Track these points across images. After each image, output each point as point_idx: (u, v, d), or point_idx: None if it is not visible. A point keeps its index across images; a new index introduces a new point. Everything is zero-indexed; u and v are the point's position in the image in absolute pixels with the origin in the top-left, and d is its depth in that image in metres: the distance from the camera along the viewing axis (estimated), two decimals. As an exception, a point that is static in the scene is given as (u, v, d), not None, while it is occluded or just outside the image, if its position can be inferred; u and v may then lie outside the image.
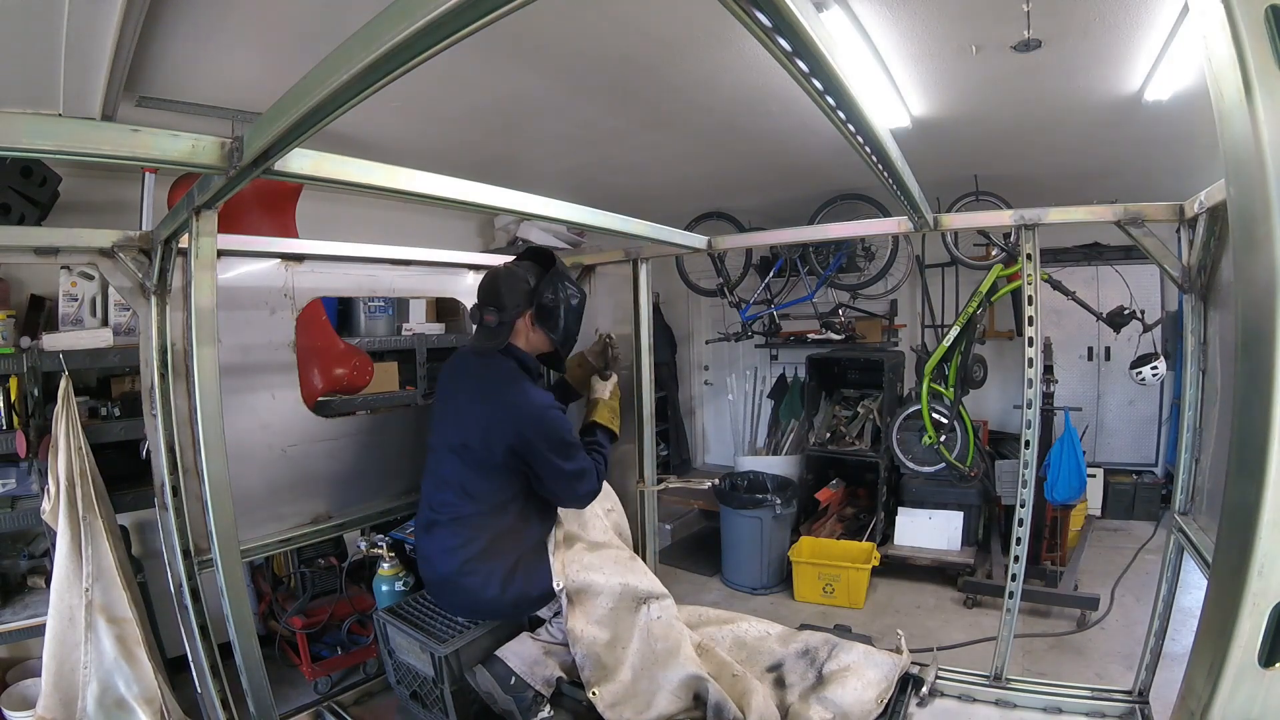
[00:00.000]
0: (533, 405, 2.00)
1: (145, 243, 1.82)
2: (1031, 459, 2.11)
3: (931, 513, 4.36)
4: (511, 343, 2.10)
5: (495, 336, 2.07)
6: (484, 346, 2.09)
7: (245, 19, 2.21)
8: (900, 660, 2.22)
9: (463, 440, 2.04)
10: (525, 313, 2.08)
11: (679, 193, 4.95)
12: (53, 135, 1.06)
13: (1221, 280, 1.75)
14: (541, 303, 2.07)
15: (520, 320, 2.08)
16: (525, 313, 2.08)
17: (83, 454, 2.25)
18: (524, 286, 2.08)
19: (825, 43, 0.82)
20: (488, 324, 2.07)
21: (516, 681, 1.96)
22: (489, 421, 2.00)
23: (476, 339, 2.13)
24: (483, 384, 2.08)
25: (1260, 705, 0.67)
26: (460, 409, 2.09)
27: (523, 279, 2.09)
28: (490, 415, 2.00)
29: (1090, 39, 2.51)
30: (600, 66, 2.75)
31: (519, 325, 2.09)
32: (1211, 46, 0.68)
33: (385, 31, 0.77)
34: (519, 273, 2.10)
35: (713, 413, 7.04)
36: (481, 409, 2.03)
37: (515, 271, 2.11)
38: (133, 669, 2.16)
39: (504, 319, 2.06)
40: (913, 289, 5.49)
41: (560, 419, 2.05)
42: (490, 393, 2.04)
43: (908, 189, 1.64)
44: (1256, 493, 0.65)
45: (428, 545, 2.12)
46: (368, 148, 3.27)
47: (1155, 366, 3.40)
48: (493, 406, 2.01)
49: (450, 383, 2.21)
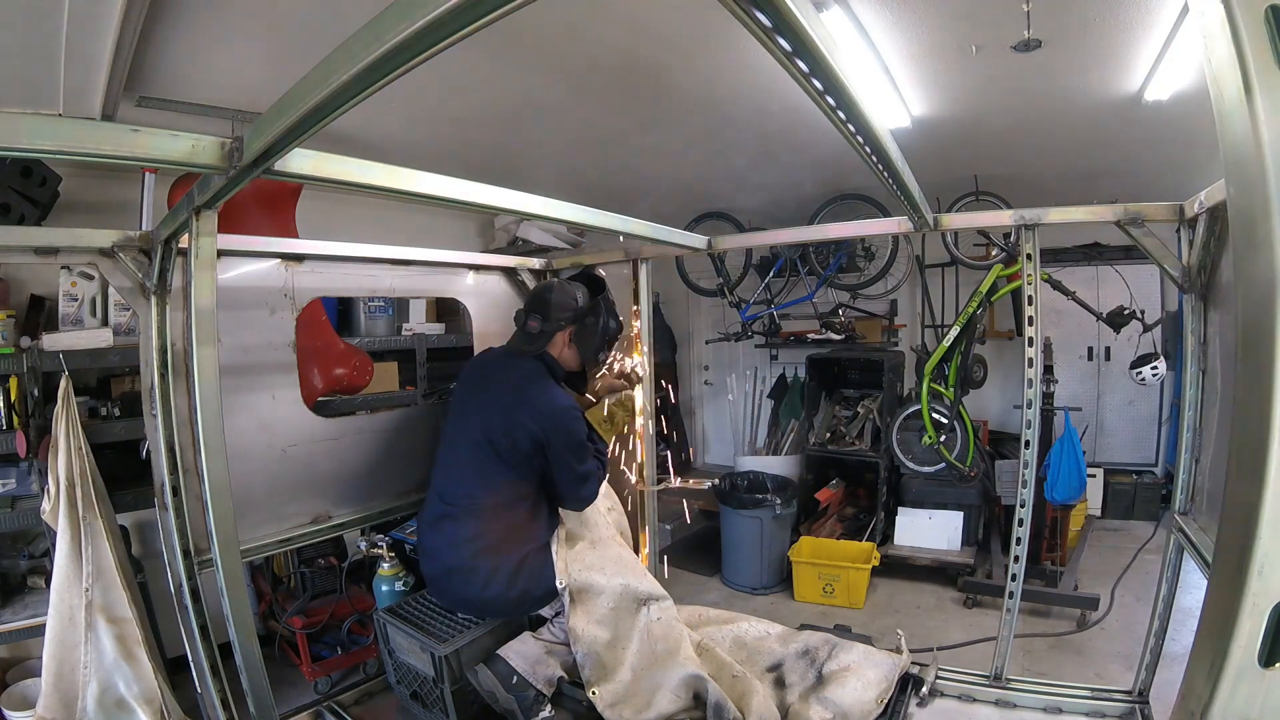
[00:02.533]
0: (557, 405, 2.11)
1: (145, 243, 1.82)
2: (1031, 459, 2.11)
3: (931, 513, 4.36)
4: (546, 350, 2.22)
5: (534, 342, 2.21)
6: (521, 349, 2.23)
7: (245, 19, 2.21)
8: (900, 660, 2.22)
9: (487, 433, 2.11)
10: (567, 328, 2.21)
11: (679, 193, 4.95)
12: (53, 135, 1.07)
13: (1221, 280, 1.75)
14: (584, 324, 2.22)
15: (560, 334, 2.21)
16: (567, 328, 2.21)
17: (83, 454, 2.25)
18: (571, 304, 2.21)
19: (825, 43, 0.82)
20: (530, 329, 2.21)
21: (518, 681, 1.96)
22: (516, 416, 2.08)
23: (515, 340, 2.28)
24: (512, 380, 2.17)
25: (1260, 705, 0.67)
26: (487, 403, 2.17)
27: (572, 296, 2.23)
28: (517, 410, 2.09)
29: (1090, 39, 2.51)
30: (600, 66, 2.76)
31: (557, 338, 2.21)
32: (1211, 46, 0.68)
33: (385, 31, 0.77)
34: (570, 290, 2.24)
35: (713, 413, 7.04)
36: (509, 403, 2.12)
37: (567, 289, 2.25)
38: (133, 669, 2.16)
39: (545, 328, 2.19)
40: (913, 289, 5.49)
41: (580, 421, 2.15)
42: (519, 389, 2.14)
43: (908, 189, 1.64)
44: (1256, 493, 0.65)
45: (435, 538, 2.13)
46: (368, 148, 3.26)
47: (1155, 366, 3.39)
48: (520, 402, 2.10)
49: (478, 377, 2.30)
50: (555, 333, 2.21)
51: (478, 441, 2.12)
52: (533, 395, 2.11)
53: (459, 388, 2.34)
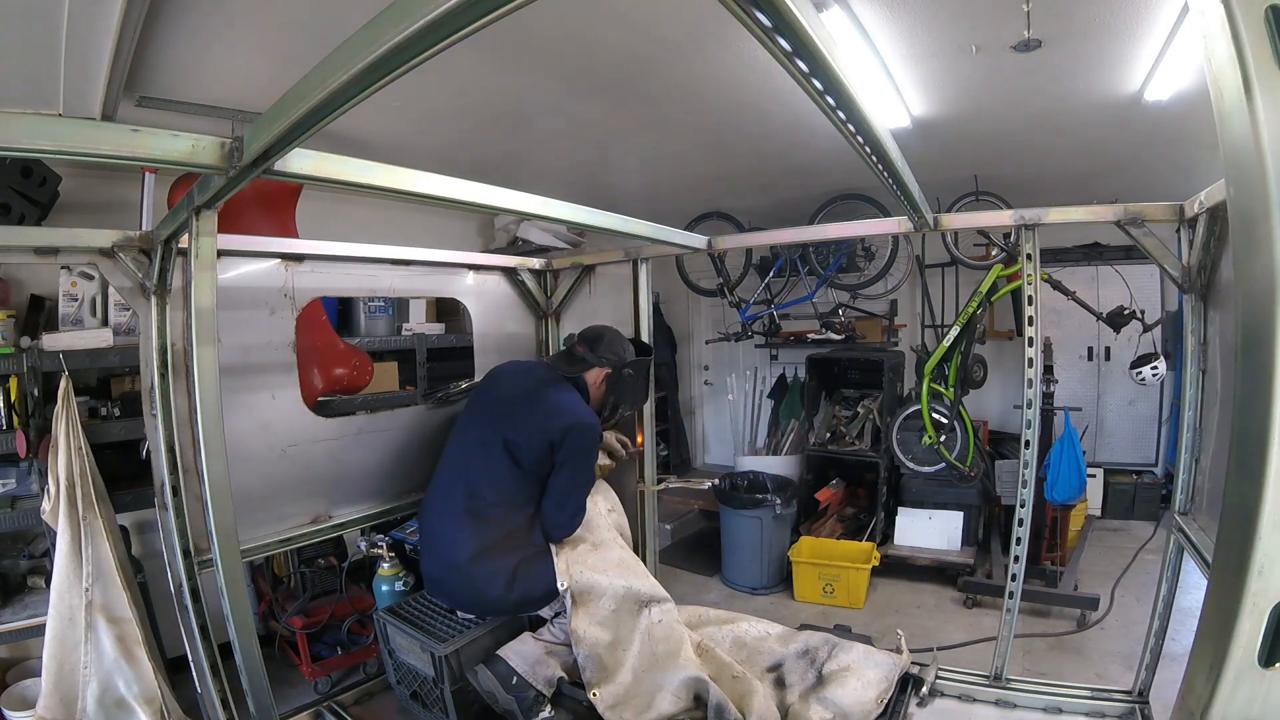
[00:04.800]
0: (582, 415, 2.20)
1: (145, 243, 1.82)
2: (1031, 459, 2.11)
3: (931, 513, 4.36)
4: (582, 376, 2.37)
5: (574, 366, 2.37)
6: (560, 368, 2.37)
7: (245, 19, 2.21)
8: (900, 660, 2.22)
9: (505, 433, 2.16)
10: (605, 368, 2.37)
11: (679, 193, 4.94)
12: (53, 135, 1.07)
13: (1221, 280, 1.75)
14: (622, 373, 2.38)
15: (598, 370, 2.37)
16: (605, 368, 2.37)
17: (83, 454, 2.25)
18: (619, 351, 2.40)
19: (825, 43, 0.82)
20: (576, 353, 2.40)
21: (518, 681, 1.96)
22: (540, 419, 2.16)
23: (556, 359, 2.46)
24: (544, 388, 2.27)
25: (1260, 705, 0.67)
26: (511, 405, 2.24)
27: (623, 345, 2.42)
28: (544, 413, 2.17)
29: (1090, 39, 2.51)
30: (600, 66, 2.75)
31: (594, 372, 2.37)
32: (1211, 46, 0.68)
33: (385, 31, 0.77)
34: (623, 340, 2.45)
35: (713, 413, 7.03)
36: (537, 405, 2.20)
37: (621, 338, 2.46)
38: (133, 669, 2.17)
39: (589, 359, 2.37)
40: (913, 289, 5.49)
41: (596, 439, 2.24)
42: (550, 396, 2.24)
43: (908, 189, 1.64)
44: (1256, 493, 0.65)
45: (436, 538, 2.14)
46: (368, 148, 3.26)
47: (1155, 366, 3.39)
48: (549, 406, 2.19)
49: (506, 380, 2.39)
50: (595, 366, 2.36)
51: (493, 442, 2.16)
52: (566, 402, 2.21)
53: (483, 387, 2.44)
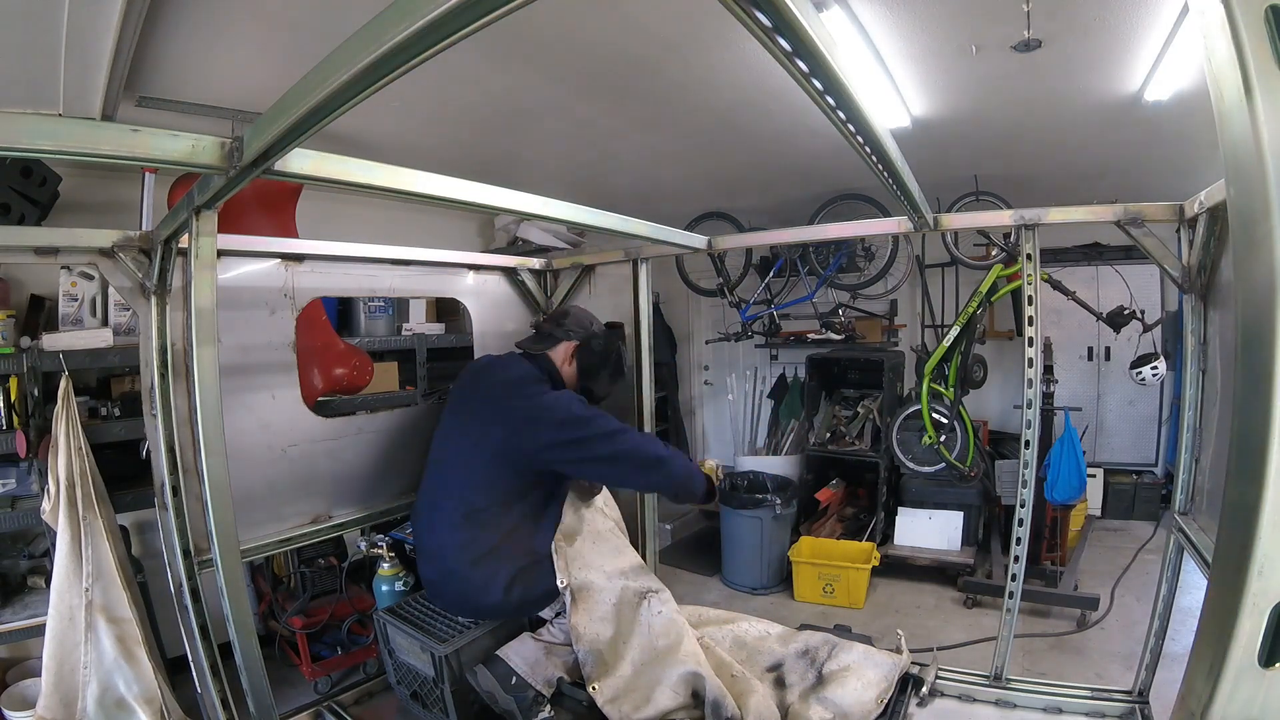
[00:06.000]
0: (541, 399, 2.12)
1: (145, 243, 1.81)
2: (1031, 459, 2.10)
3: (931, 513, 4.36)
4: (548, 354, 2.30)
5: (540, 341, 2.33)
6: (527, 348, 2.33)
7: (245, 19, 2.21)
8: (900, 660, 2.22)
9: (482, 433, 2.12)
10: (573, 342, 2.31)
11: (679, 193, 4.95)
12: (53, 135, 1.06)
13: (1221, 280, 1.75)
14: (590, 345, 2.33)
15: (565, 344, 2.31)
16: (573, 342, 2.31)
17: (83, 454, 2.25)
18: (586, 323, 2.35)
19: (825, 43, 0.82)
20: (541, 329, 2.35)
21: (518, 681, 1.96)
22: (506, 417, 2.10)
23: (525, 340, 2.40)
24: (507, 380, 2.21)
25: (1260, 705, 0.67)
26: (481, 403, 2.20)
27: (590, 320, 2.38)
28: (509, 411, 2.12)
29: (1090, 39, 2.51)
30: (600, 66, 2.76)
31: (561, 348, 2.31)
32: (1211, 46, 0.68)
33: (385, 31, 0.76)
34: (590, 315, 2.41)
35: (713, 413, 7.03)
36: (503, 400, 2.15)
37: (588, 313, 2.42)
38: (133, 669, 2.17)
39: (555, 334, 2.31)
40: (913, 289, 5.49)
41: (563, 398, 2.12)
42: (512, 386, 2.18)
43: (908, 189, 1.64)
44: (1256, 493, 0.64)
45: (431, 540, 2.13)
46: (368, 148, 3.27)
47: (1155, 366, 3.39)
48: (512, 403, 2.13)
49: (474, 379, 2.33)
50: (562, 340, 2.30)
51: (473, 443, 2.11)
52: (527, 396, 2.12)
53: (455, 390, 2.35)
